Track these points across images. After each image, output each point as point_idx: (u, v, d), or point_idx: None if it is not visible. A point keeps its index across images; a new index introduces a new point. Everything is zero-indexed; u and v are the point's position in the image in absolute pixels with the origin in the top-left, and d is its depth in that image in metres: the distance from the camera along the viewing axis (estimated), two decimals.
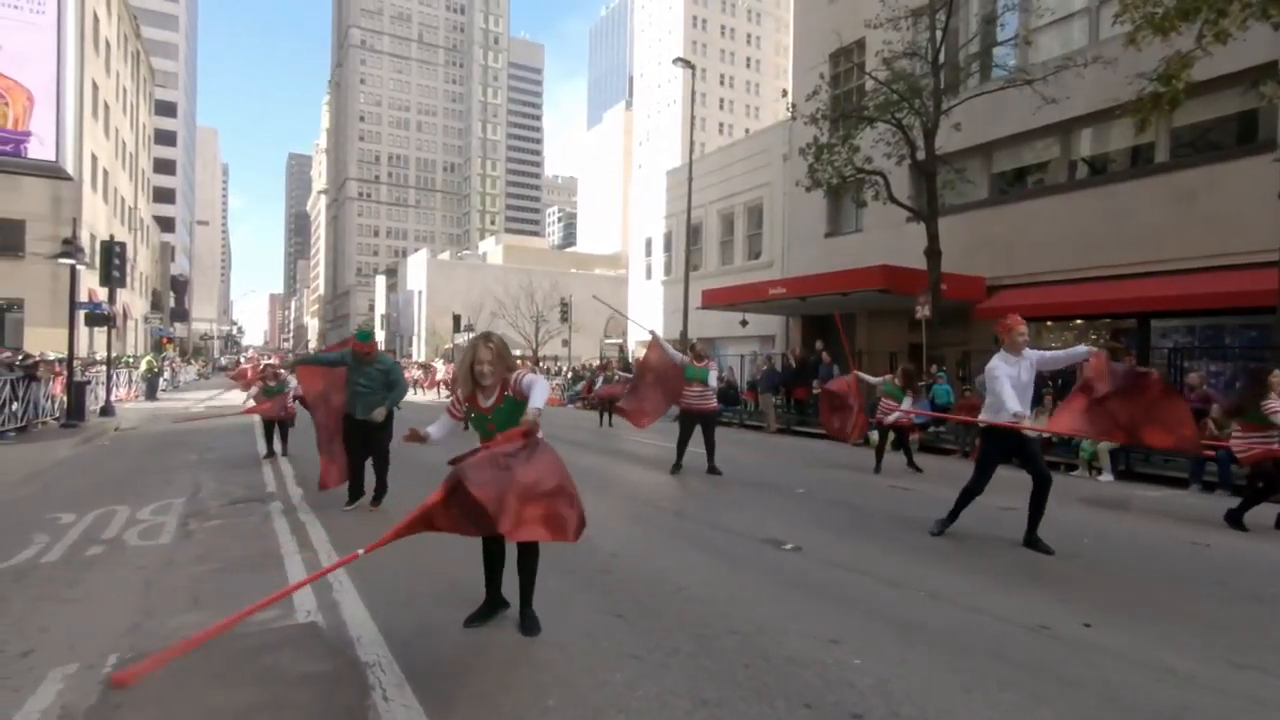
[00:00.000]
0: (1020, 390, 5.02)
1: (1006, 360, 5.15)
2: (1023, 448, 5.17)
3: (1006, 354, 5.18)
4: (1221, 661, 3.18)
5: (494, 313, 46.69)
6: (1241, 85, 11.85)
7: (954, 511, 5.50)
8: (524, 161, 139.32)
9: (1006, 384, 4.96)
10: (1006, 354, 5.18)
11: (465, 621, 3.44)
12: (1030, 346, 5.29)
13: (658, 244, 29.03)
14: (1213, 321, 12.95)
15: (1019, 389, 5.01)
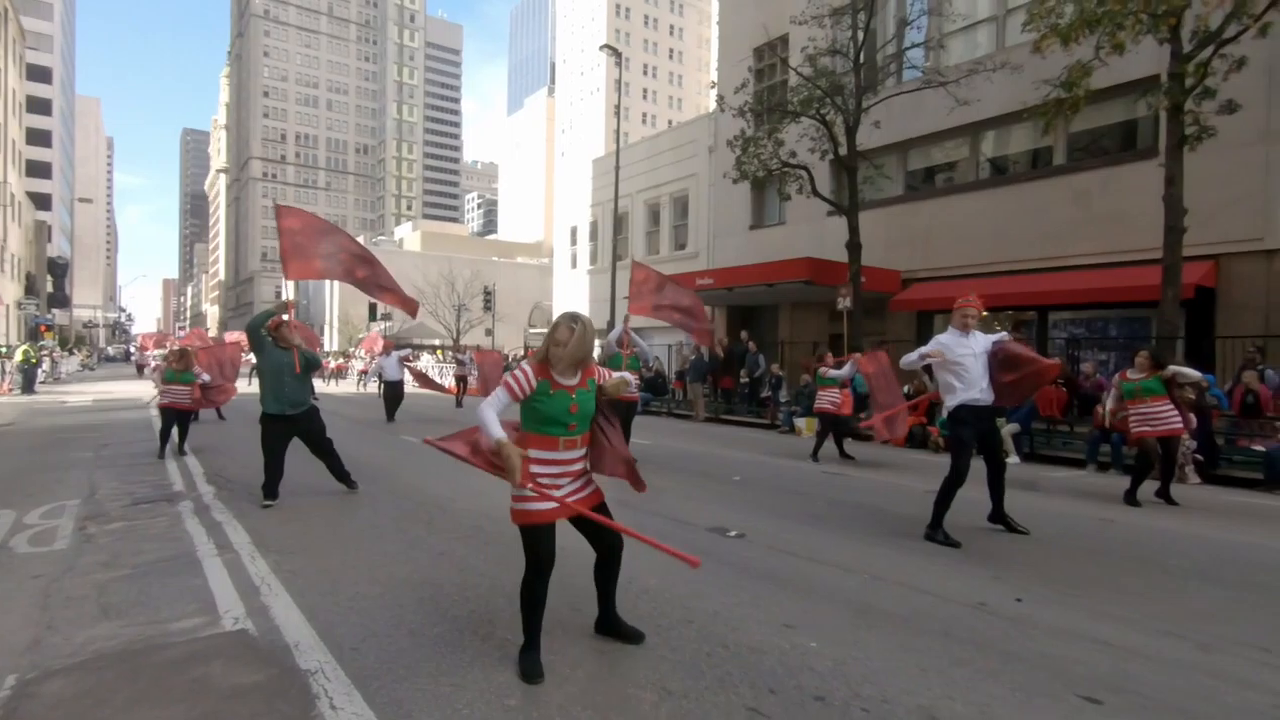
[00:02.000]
0: (973, 368, 5.11)
1: (951, 335, 5.23)
2: (985, 431, 5.22)
3: (954, 331, 5.27)
4: (1149, 630, 3.41)
5: None
6: (1132, 95, 12.83)
7: (939, 510, 5.12)
8: (442, 145, 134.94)
9: (931, 347, 5.18)
10: (954, 331, 5.27)
11: (526, 677, 2.82)
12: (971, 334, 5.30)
13: (583, 233, 28.80)
14: (1101, 314, 14.00)
15: (969, 367, 5.10)
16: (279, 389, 5.92)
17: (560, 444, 2.92)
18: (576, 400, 2.90)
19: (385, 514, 5.68)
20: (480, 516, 5.56)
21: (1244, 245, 11.62)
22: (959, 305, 5.34)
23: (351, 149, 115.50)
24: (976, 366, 5.12)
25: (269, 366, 5.91)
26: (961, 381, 5.12)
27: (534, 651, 2.88)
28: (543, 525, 2.89)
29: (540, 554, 2.89)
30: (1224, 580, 4.31)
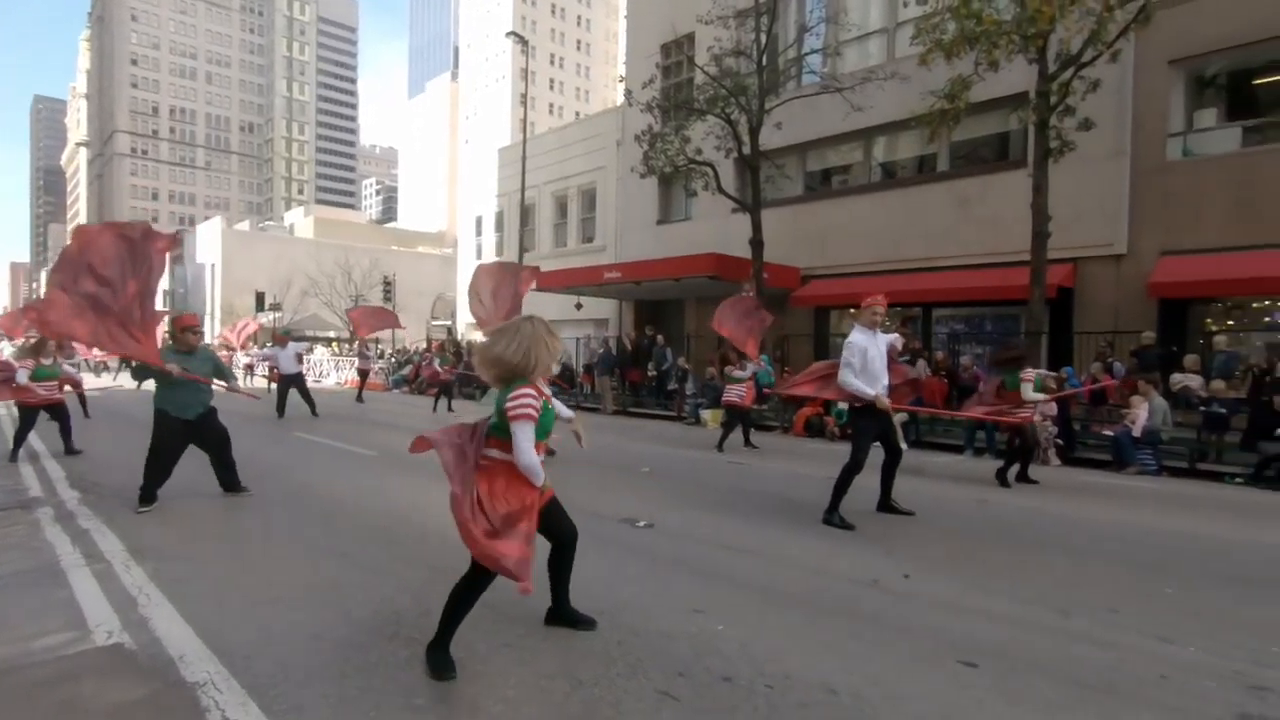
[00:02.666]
0: (876, 363, 5.38)
1: (863, 333, 5.44)
2: (883, 421, 5.48)
3: (863, 329, 5.47)
4: (1017, 599, 3.75)
5: (305, 291, 42.83)
6: (1005, 109, 13.91)
7: (837, 495, 5.33)
8: (337, 128, 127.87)
9: (857, 359, 5.31)
10: (863, 329, 5.47)
11: (438, 673, 2.76)
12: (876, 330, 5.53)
13: (488, 223, 28.20)
14: (978, 311, 15.15)
15: (874, 363, 5.37)
16: (180, 390, 5.53)
17: (543, 450, 2.92)
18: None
19: (279, 515, 5.39)
20: (382, 515, 5.37)
21: (1098, 250, 12.86)
22: (869, 304, 5.50)
23: (235, 126, 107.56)
24: (880, 363, 5.40)
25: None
26: (869, 377, 5.35)
27: (447, 648, 2.82)
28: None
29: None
30: (1079, 551, 4.79)
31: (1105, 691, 2.71)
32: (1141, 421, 9.00)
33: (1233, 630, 3.35)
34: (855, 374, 5.30)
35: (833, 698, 2.63)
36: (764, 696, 2.64)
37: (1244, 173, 11.57)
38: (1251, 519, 6.10)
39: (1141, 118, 12.44)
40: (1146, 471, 8.80)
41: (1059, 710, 2.56)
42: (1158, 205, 12.25)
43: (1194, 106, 12.64)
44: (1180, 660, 3.00)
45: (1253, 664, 2.97)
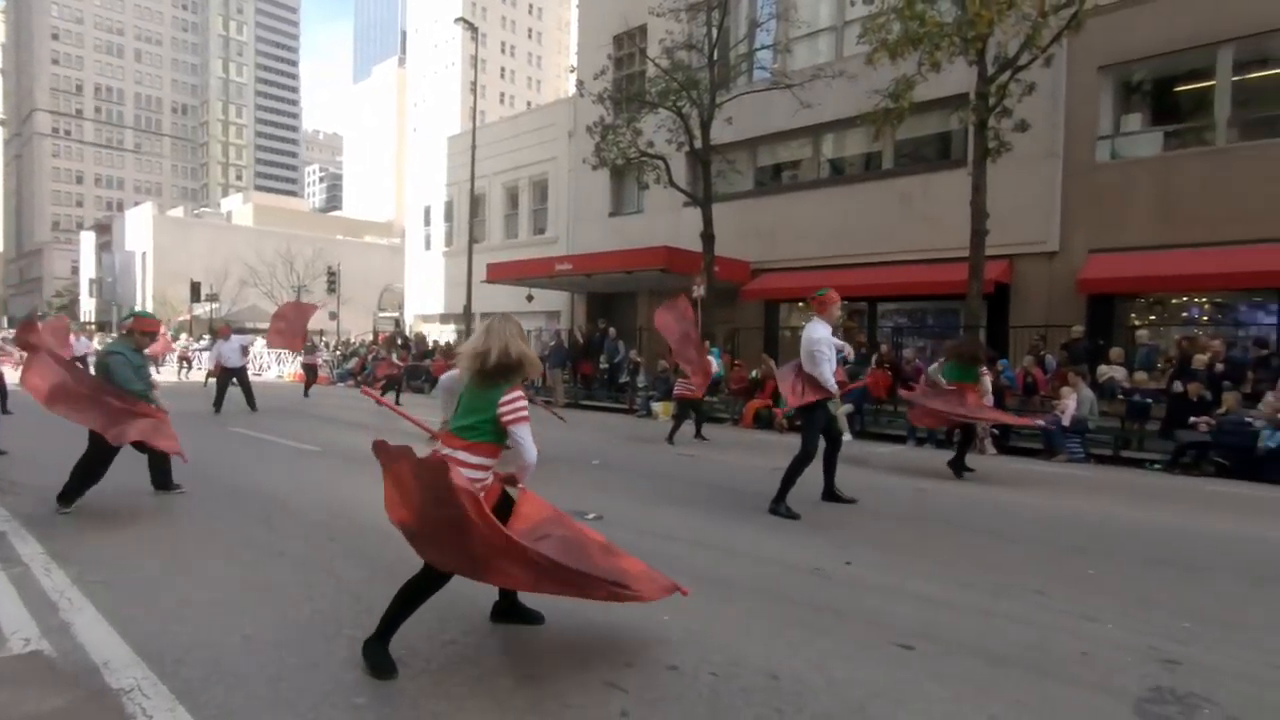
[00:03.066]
0: (833, 357, 5.50)
1: (826, 328, 5.53)
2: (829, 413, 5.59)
3: (825, 324, 5.55)
4: (951, 583, 3.89)
5: (244, 280, 41.29)
6: (947, 110, 14.31)
7: (786, 485, 5.41)
8: (277, 111, 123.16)
9: (831, 352, 5.42)
10: (825, 324, 5.55)
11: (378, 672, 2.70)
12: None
13: (438, 213, 27.66)
14: (920, 306, 15.62)
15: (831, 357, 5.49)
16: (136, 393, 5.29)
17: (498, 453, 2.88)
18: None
19: (215, 513, 5.19)
20: (323, 511, 5.24)
21: (1032, 247, 13.40)
22: (833, 301, 5.58)
23: (167, 108, 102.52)
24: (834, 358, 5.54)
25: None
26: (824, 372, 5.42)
27: (387, 645, 2.75)
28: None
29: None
30: (1008, 535, 5.01)
31: (1030, 669, 2.84)
32: (1070, 412, 9.44)
33: (1148, 608, 3.55)
34: (830, 366, 5.40)
35: (775, 683, 2.69)
36: (708, 684, 2.68)
37: (1164, 175, 12.22)
38: (1167, 503, 6.47)
39: (1073, 120, 12.99)
40: (1074, 459, 9.24)
41: (987, 688, 2.67)
42: (1087, 205, 12.83)
43: (1121, 111, 13.27)
44: (1100, 637, 3.17)
45: (1165, 639, 3.16)
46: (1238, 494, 7.11)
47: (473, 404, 2.79)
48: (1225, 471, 8.23)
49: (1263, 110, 11.83)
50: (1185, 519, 5.70)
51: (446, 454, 2.74)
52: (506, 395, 2.74)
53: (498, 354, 2.74)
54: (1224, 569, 4.29)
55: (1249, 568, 4.32)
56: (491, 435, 2.77)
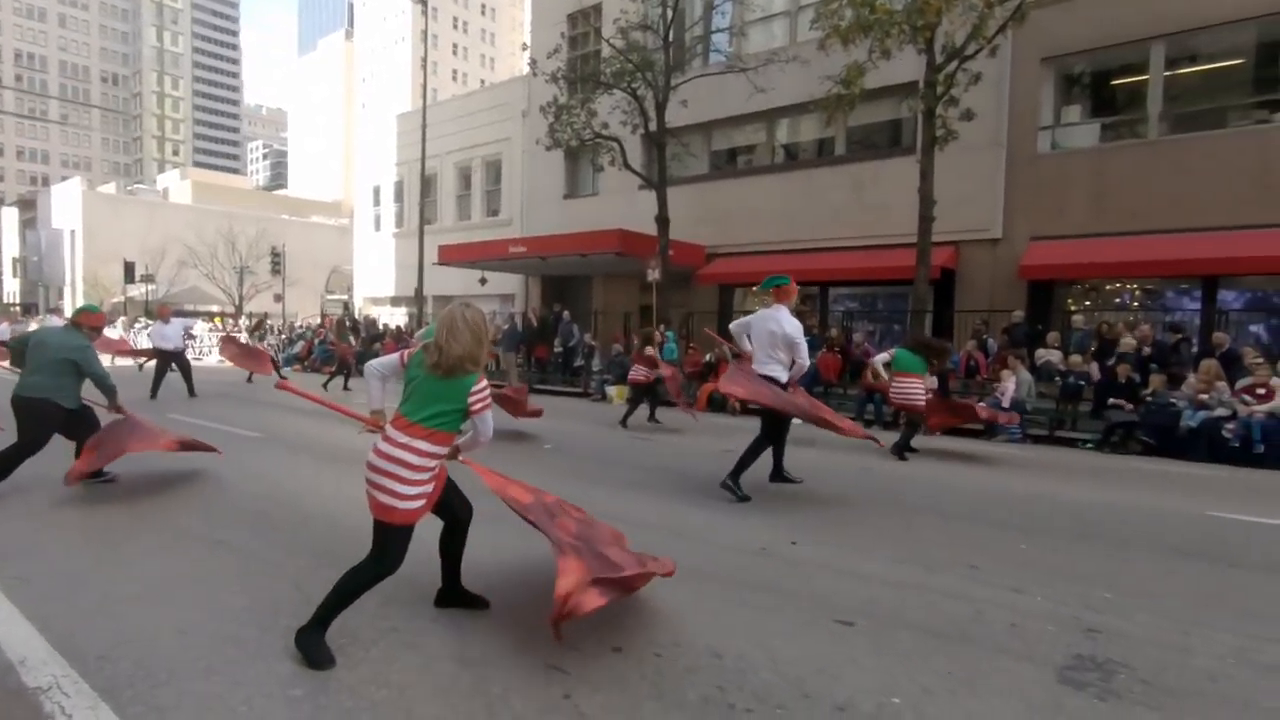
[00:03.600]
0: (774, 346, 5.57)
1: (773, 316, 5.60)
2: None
3: (790, 311, 5.63)
4: (889, 560, 4.01)
5: (183, 261, 39.57)
6: (898, 97, 14.54)
7: (743, 466, 5.44)
8: (216, 84, 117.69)
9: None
10: (790, 311, 5.63)
11: (315, 663, 2.63)
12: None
13: (387, 193, 26.95)
14: (871, 291, 15.93)
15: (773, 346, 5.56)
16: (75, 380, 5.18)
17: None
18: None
19: (148, 503, 4.99)
20: (263, 499, 5.09)
21: (977, 235, 13.78)
22: (794, 292, 5.71)
23: (96, 77, 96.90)
24: None
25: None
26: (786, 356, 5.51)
27: (323, 633, 2.68)
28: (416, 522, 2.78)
29: (404, 549, 2.77)
30: (947, 513, 5.17)
31: (961, 640, 2.95)
32: (1009, 393, 9.79)
33: (1072, 580, 3.72)
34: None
35: (717, 661, 2.73)
36: (652, 664, 2.70)
37: (1100, 166, 12.68)
38: (1096, 481, 6.78)
39: (1017, 111, 13.35)
40: (1013, 439, 9.59)
41: (919, 660, 2.77)
42: (1029, 194, 13.24)
43: (1062, 102, 13.68)
44: (1028, 609, 3.31)
45: (1088, 609, 3.32)
46: (1161, 471, 7.50)
47: (436, 394, 2.73)
48: (1151, 450, 8.67)
49: (1191, 105, 12.36)
50: (1112, 495, 5.98)
51: (404, 442, 2.69)
52: (477, 385, 2.74)
53: (463, 349, 2.70)
54: (1146, 542, 4.52)
55: (1169, 541, 4.56)
56: (456, 423, 2.78)
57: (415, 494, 2.68)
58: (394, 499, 2.65)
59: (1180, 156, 11.90)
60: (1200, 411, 8.44)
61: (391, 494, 2.65)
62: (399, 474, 2.65)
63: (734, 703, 2.44)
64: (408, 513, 2.68)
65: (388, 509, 2.66)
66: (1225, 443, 8.14)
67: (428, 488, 2.74)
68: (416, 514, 2.72)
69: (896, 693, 2.52)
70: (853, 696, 2.49)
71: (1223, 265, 11.09)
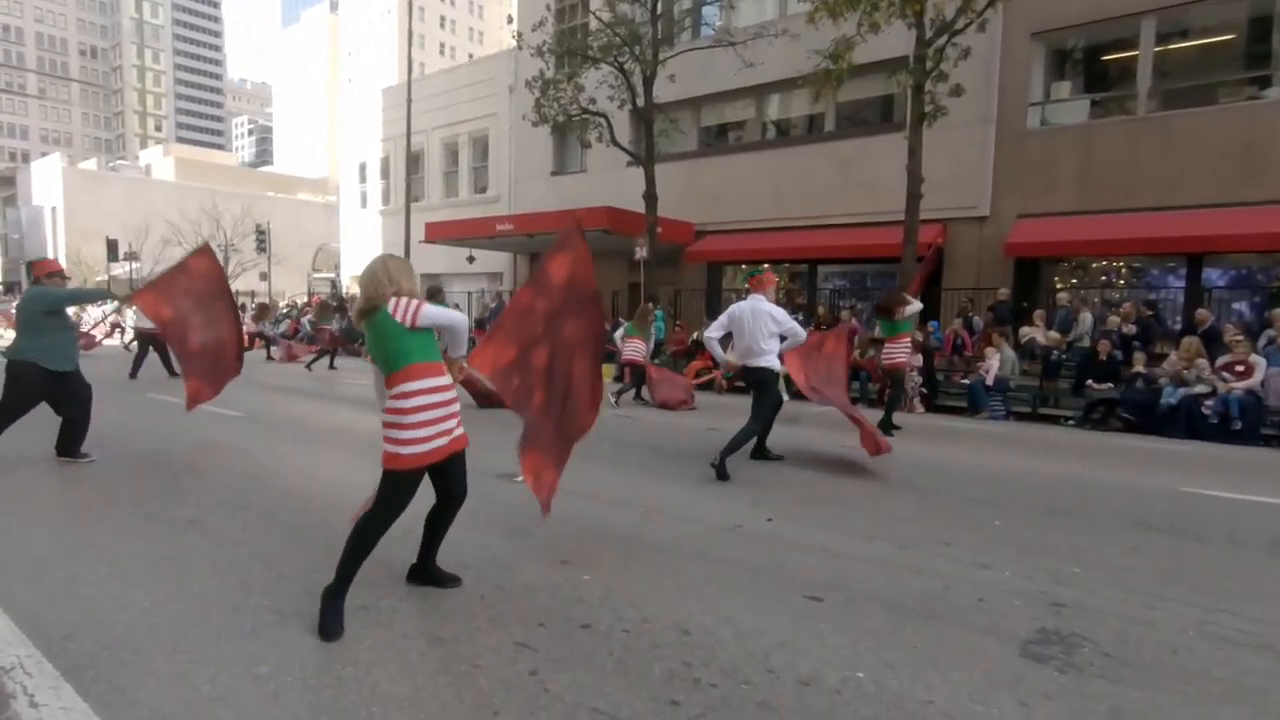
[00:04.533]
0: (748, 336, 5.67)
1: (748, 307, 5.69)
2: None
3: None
4: (862, 536, 4.04)
5: (166, 239, 39.03)
6: (886, 73, 14.38)
7: (735, 447, 5.49)
8: (198, 57, 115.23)
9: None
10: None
11: (328, 634, 2.71)
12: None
13: (373, 170, 26.58)
14: (860, 269, 15.90)
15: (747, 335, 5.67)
16: (55, 337, 5.23)
17: (444, 370, 2.93)
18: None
19: (121, 483, 4.96)
20: (239, 478, 5.06)
21: (965, 212, 13.74)
22: (772, 281, 5.79)
23: (74, 50, 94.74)
24: None
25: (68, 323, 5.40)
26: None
27: (342, 596, 2.79)
28: (425, 468, 2.86)
29: (408, 498, 2.85)
30: (925, 490, 5.21)
31: (928, 616, 2.97)
32: (993, 371, 9.83)
33: (1042, 555, 3.75)
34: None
35: (685, 637, 2.75)
36: (620, 641, 2.72)
37: (1088, 142, 12.63)
38: (1074, 457, 6.83)
39: (1006, 87, 13.25)
40: (996, 417, 9.66)
41: (885, 635, 2.79)
42: (1017, 171, 13.19)
43: (1052, 78, 13.59)
44: (997, 585, 3.34)
45: (1055, 584, 3.35)
46: (1139, 447, 7.57)
47: (377, 340, 2.82)
48: (1132, 427, 8.74)
49: (1180, 81, 12.30)
50: (1088, 472, 6.04)
51: (393, 393, 2.80)
52: (391, 305, 2.78)
53: (363, 293, 2.85)
54: (1117, 518, 4.57)
55: (1139, 516, 4.61)
56: (416, 352, 2.81)
57: (408, 438, 2.77)
58: (394, 445, 2.78)
59: (1168, 133, 11.87)
60: (1180, 389, 8.51)
61: (391, 441, 2.79)
62: (393, 422, 2.78)
63: (699, 678, 2.46)
64: (405, 458, 2.77)
65: (390, 456, 2.79)
66: (1205, 419, 8.22)
67: (425, 431, 2.79)
68: (413, 460, 2.78)
69: (860, 667, 2.54)
70: (818, 671, 2.52)
71: (1208, 243, 11.11)
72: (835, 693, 2.38)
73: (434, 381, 2.83)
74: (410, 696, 2.32)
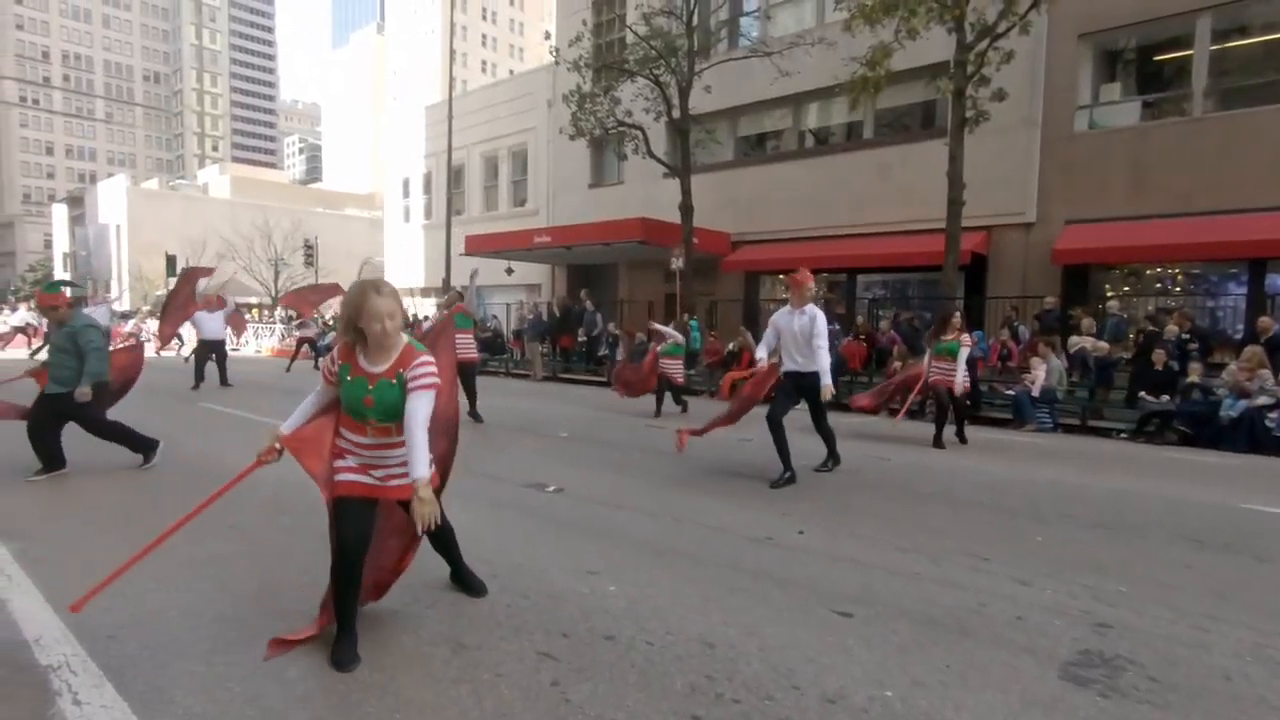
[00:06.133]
0: (791, 340, 5.62)
1: (787, 311, 5.67)
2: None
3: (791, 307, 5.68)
4: (894, 549, 3.94)
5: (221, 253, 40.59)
6: (927, 78, 14.17)
7: (830, 441, 5.99)
8: (254, 80, 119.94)
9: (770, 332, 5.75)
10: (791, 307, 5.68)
11: (337, 664, 2.56)
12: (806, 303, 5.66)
13: (416, 185, 27.24)
14: (901, 277, 15.62)
15: (790, 340, 5.62)
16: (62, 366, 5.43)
17: (368, 431, 2.69)
18: (373, 394, 2.63)
19: (167, 489, 5.14)
20: (279, 484, 5.18)
21: (1010, 218, 13.41)
22: (801, 280, 5.66)
23: (139, 76, 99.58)
24: (788, 337, 5.72)
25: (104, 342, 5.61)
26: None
27: (345, 637, 2.63)
28: (346, 499, 2.69)
29: (341, 533, 2.64)
30: (962, 503, 5.06)
31: (961, 633, 2.88)
32: (1040, 382, 9.52)
33: (1086, 573, 3.60)
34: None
35: (709, 650, 2.71)
36: (643, 652, 2.69)
37: (1141, 145, 12.21)
38: (1124, 470, 6.56)
39: (1052, 89, 12.92)
40: (1043, 429, 9.34)
41: (913, 651, 2.71)
42: (1065, 175, 12.82)
43: (1101, 80, 13.20)
44: (1036, 602, 3.22)
45: (1099, 603, 3.21)
46: (1195, 461, 7.23)
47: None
48: (1188, 440, 8.36)
49: (1238, 80, 11.81)
50: (1138, 485, 5.79)
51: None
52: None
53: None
54: (1167, 533, 4.37)
55: (1192, 532, 4.39)
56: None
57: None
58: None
59: (1227, 134, 11.40)
60: (1241, 400, 8.11)
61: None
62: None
63: (721, 692, 2.42)
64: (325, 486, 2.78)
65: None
66: (1268, 432, 7.81)
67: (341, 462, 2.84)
68: (326, 488, 2.78)
69: (888, 685, 2.47)
70: (843, 688, 2.45)
71: (1271, 247, 10.61)
72: (862, 711, 2.32)
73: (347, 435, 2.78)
74: (432, 703, 2.34)
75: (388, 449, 2.73)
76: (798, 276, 5.68)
